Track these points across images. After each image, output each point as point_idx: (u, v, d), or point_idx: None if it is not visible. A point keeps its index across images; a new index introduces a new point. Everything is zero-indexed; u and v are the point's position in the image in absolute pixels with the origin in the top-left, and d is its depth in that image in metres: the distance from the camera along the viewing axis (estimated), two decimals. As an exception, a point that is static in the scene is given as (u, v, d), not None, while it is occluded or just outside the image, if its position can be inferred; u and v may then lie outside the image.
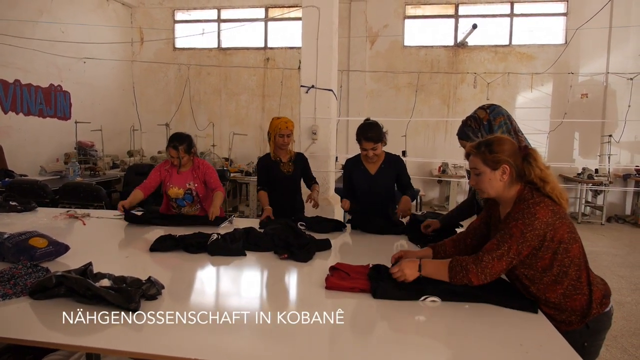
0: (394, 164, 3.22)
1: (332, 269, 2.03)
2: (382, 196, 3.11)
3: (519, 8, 9.22)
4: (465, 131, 2.30)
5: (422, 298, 1.79)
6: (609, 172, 8.55)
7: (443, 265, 1.80)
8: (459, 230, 2.88)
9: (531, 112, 8.89)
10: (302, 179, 3.74)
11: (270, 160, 3.60)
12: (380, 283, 1.85)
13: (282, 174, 3.57)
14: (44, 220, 3.18)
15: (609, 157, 8.50)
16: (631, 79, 8.57)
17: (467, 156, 1.90)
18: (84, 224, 3.10)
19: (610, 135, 8.55)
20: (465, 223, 3.01)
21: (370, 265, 2.03)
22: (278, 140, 3.47)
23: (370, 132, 3.02)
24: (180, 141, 3.37)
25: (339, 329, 1.63)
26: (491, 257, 1.71)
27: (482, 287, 1.84)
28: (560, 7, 9.09)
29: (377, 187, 3.15)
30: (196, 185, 3.46)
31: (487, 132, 2.26)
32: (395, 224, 3.04)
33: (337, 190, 4.91)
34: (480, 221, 2.10)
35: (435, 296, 1.79)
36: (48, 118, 7.99)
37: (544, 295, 1.75)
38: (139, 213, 3.31)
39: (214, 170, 3.60)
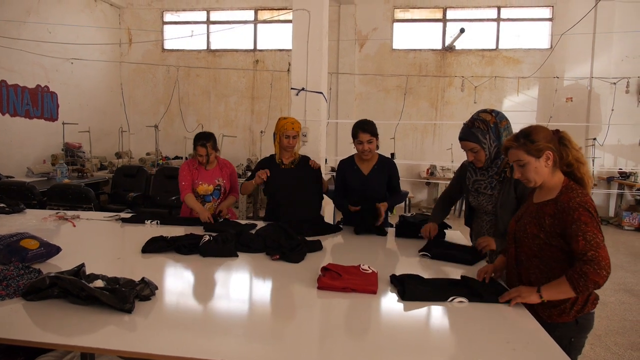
0: (387, 166, 3.25)
1: (324, 269, 2.06)
2: (374, 197, 3.13)
3: (505, 13, 9.37)
4: (474, 132, 2.35)
5: (450, 299, 1.83)
6: (593, 174, 8.70)
7: (561, 284, 1.74)
8: (447, 231, 2.94)
9: (518, 116, 8.96)
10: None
11: (271, 162, 3.46)
12: (408, 285, 1.88)
13: None
14: (32, 222, 3.16)
15: (593, 160, 8.68)
16: (614, 83, 8.76)
17: (506, 150, 1.95)
18: (74, 226, 3.09)
19: (595, 139, 8.74)
20: (454, 224, 3.08)
21: (362, 266, 2.07)
22: (283, 141, 3.32)
23: (366, 125, 3.11)
24: (207, 139, 3.53)
25: (331, 329, 1.66)
26: (594, 251, 1.70)
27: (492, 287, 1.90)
28: (546, 13, 9.25)
29: (369, 187, 3.19)
30: (224, 181, 3.62)
31: (494, 134, 2.34)
32: (380, 229, 3.07)
33: (326, 193, 4.92)
34: None
35: (462, 297, 1.84)
36: (35, 119, 7.90)
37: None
38: (129, 215, 3.33)
39: (236, 173, 3.79)
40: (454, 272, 2.25)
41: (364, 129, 3.08)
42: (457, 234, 3.00)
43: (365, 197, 3.13)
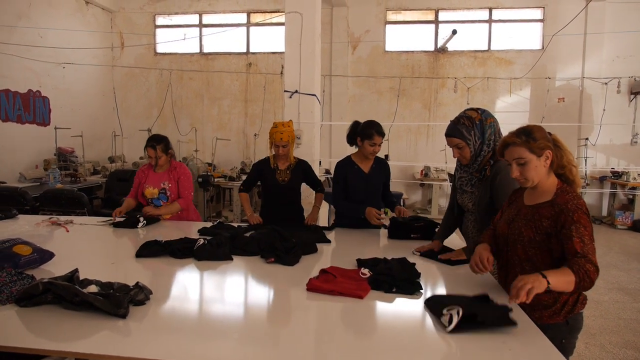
0: (384, 167, 3.38)
1: (322, 271, 2.06)
2: (374, 195, 3.28)
3: (497, 14, 9.42)
4: (459, 128, 2.35)
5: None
6: (585, 174, 8.77)
7: (567, 275, 1.65)
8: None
9: (510, 117, 9.06)
10: (307, 186, 3.68)
11: (266, 166, 3.49)
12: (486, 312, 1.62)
13: (276, 182, 3.45)
14: (25, 228, 3.14)
15: (585, 160, 8.74)
16: (605, 83, 8.83)
17: (505, 147, 1.89)
18: (67, 231, 3.07)
19: (587, 139, 8.80)
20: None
21: (362, 270, 2.07)
22: (275, 149, 3.41)
23: (381, 128, 3.22)
24: (157, 141, 3.52)
25: (326, 332, 1.65)
26: (591, 255, 1.70)
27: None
28: (537, 14, 9.32)
29: (371, 185, 3.28)
30: (170, 185, 3.56)
31: (479, 131, 2.32)
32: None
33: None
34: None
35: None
36: (27, 124, 7.85)
37: None
38: (122, 219, 3.32)
39: (189, 177, 3.66)
40: (447, 272, 2.26)
41: (380, 132, 3.19)
42: (451, 235, 2.99)
43: (367, 195, 3.24)
